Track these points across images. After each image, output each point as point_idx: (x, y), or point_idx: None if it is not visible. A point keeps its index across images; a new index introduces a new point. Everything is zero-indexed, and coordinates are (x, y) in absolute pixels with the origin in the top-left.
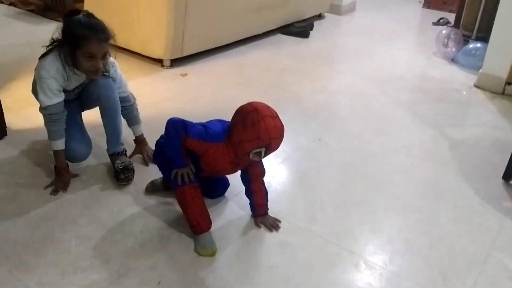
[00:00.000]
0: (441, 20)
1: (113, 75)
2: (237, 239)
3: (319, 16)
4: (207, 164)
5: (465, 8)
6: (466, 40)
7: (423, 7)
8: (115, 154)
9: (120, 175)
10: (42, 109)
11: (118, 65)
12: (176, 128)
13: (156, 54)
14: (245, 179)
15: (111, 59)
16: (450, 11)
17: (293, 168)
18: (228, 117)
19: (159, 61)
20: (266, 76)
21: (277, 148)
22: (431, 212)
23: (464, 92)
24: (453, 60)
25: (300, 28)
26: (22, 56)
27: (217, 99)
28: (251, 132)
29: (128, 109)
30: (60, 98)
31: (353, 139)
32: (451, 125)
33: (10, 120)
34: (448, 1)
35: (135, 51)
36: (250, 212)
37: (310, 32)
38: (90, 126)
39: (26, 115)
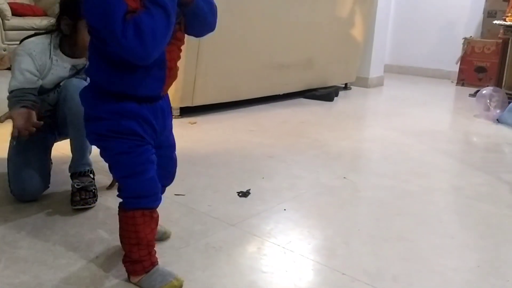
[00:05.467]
0: (479, 91)
1: None
2: (212, 266)
3: (345, 88)
4: None
5: (506, 66)
6: (510, 99)
7: (456, 85)
8: (75, 173)
9: (75, 197)
10: (8, 94)
11: None
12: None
13: None
14: None
15: None
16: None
17: (309, 202)
18: (237, 158)
19: None
20: (283, 126)
21: None
22: (498, 252)
23: None
24: (498, 121)
25: (324, 92)
26: None
27: (226, 141)
28: None
29: None
30: (31, 84)
31: (386, 178)
32: (508, 171)
33: None
34: (484, 78)
35: None
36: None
37: (335, 98)
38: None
39: None
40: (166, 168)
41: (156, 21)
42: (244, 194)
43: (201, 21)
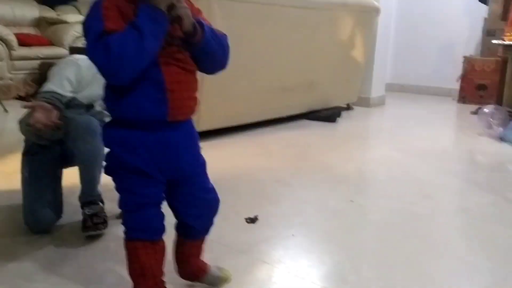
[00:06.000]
0: (480, 109)
1: (102, 114)
2: None
3: (347, 108)
4: None
5: (506, 85)
6: None
7: (458, 102)
8: (86, 202)
9: (87, 223)
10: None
11: None
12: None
13: None
14: None
15: None
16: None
17: (318, 227)
18: (244, 183)
19: None
20: (289, 150)
21: None
22: (508, 274)
23: None
24: (502, 139)
25: (327, 113)
26: None
27: (232, 166)
28: None
29: None
30: (64, 91)
31: (393, 201)
32: None
33: None
34: (485, 95)
35: None
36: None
37: (338, 118)
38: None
39: None
40: (196, 208)
41: (126, 41)
42: (252, 220)
43: (211, 59)
